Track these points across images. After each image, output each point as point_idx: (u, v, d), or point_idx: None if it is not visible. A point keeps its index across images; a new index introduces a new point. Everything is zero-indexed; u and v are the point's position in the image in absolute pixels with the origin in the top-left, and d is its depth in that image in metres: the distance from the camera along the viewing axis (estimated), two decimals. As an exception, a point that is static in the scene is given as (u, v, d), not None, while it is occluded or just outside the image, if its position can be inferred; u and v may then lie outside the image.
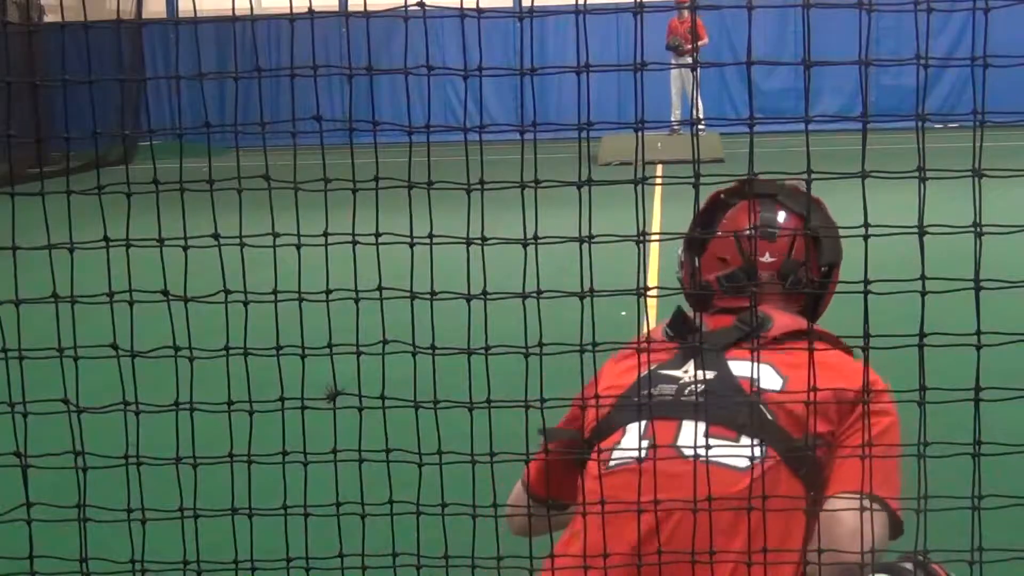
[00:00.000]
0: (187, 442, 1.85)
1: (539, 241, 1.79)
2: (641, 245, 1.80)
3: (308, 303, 1.85)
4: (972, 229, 1.70)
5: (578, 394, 2.03)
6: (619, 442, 2.00)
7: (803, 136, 1.72)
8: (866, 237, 1.71)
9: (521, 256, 1.75)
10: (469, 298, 1.79)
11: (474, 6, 1.75)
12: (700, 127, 14.95)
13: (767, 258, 2.22)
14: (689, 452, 1.86)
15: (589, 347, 1.76)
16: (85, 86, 1.84)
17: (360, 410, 1.85)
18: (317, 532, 1.88)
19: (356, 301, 1.85)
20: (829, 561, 1.78)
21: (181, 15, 20.45)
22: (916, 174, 1.68)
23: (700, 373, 2.01)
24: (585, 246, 1.73)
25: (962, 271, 1.69)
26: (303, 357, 1.84)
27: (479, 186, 1.76)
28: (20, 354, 1.85)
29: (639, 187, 1.71)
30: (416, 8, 1.76)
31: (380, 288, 1.79)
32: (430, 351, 1.81)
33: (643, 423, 1.95)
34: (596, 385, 2.06)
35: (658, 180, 9.70)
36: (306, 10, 1.83)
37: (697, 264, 2.31)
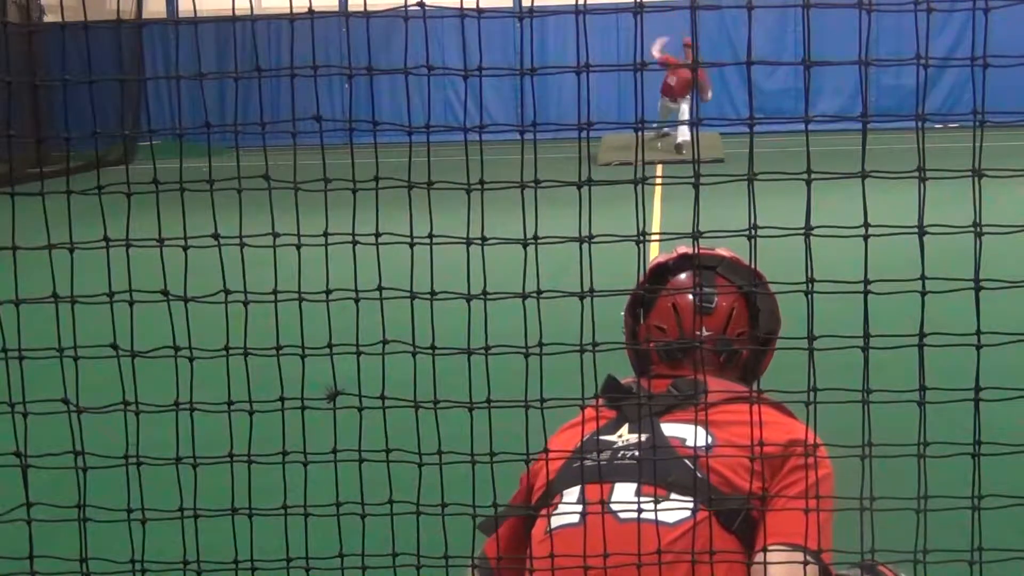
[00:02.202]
0: (187, 442, 1.85)
1: (539, 241, 1.79)
2: (641, 245, 1.80)
3: (308, 303, 1.85)
4: (972, 229, 1.70)
5: (534, 465, 2.12)
6: (556, 508, 2.05)
7: (803, 136, 1.72)
8: (866, 237, 1.71)
9: (521, 256, 1.75)
10: (469, 298, 1.79)
11: (474, 6, 1.75)
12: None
13: (704, 332, 2.27)
14: (623, 513, 1.92)
15: (589, 347, 1.76)
16: (85, 86, 1.84)
17: (360, 410, 1.85)
18: (317, 532, 1.88)
19: (356, 301, 1.85)
20: None
21: (181, 15, 20.45)
22: (916, 174, 1.68)
23: (635, 436, 2.08)
24: (585, 246, 1.73)
25: (962, 271, 1.69)
26: (303, 357, 1.84)
27: (479, 186, 1.76)
28: (20, 354, 1.85)
29: (639, 187, 1.71)
30: (416, 8, 1.76)
31: (380, 288, 1.79)
32: (430, 351, 1.81)
33: (579, 487, 1.99)
34: (542, 455, 2.12)
35: (658, 180, 9.72)
36: (306, 10, 1.83)
37: (637, 329, 2.42)
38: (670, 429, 2.10)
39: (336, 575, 1.89)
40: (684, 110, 15.87)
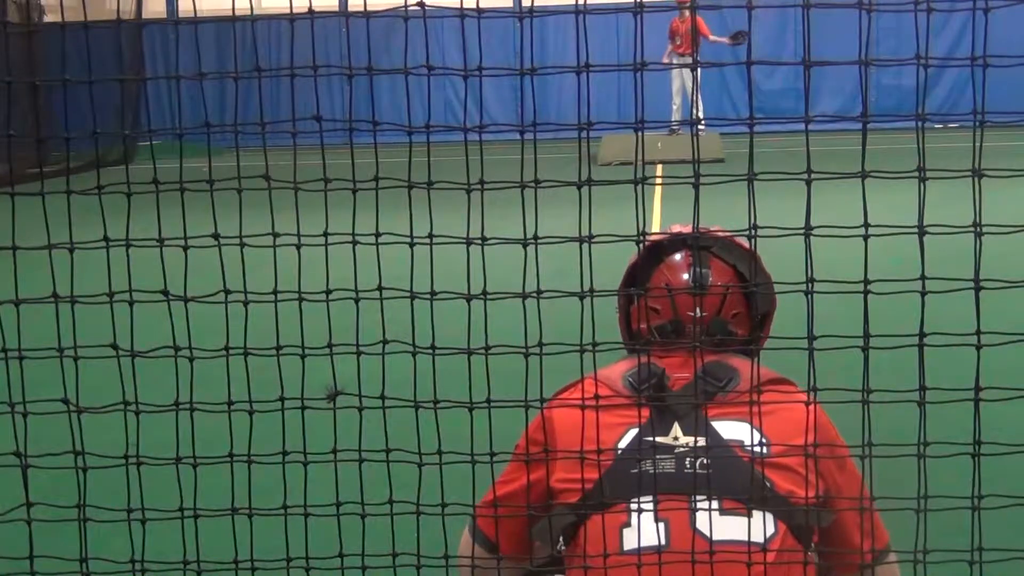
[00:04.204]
0: (187, 442, 1.85)
1: (539, 241, 1.79)
2: (641, 245, 1.80)
3: (308, 303, 1.85)
4: (972, 229, 1.70)
5: (530, 446, 2.00)
6: (627, 521, 1.92)
7: (803, 136, 1.72)
8: (866, 237, 1.71)
9: (521, 256, 1.75)
10: (469, 298, 1.79)
11: (474, 6, 1.75)
12: (700, 127, 14.98)
13: (698, 312, 2.23)
14: (710, 534, 1.84)
15: (589, 347, 1.76)
16: (85, 86, 1.84)
17: (360, 410, 1.85)
18: (317, 532, 1.88)
19: (356, 301, 1.85)
20: None
21: (181, 15, 20.43)
22: (916, 174, 1.68)
23: (692, 439, 1.96)
24: (585, 246, 1.73)
25: (962, 271, 1.69)
26: (303, 357, 1.84)
27: (479, 186, 1.76)
28: (20, 354, 1.85)
29: (639, 187, 1.71)
30: (416, 8, 1.76)
31: (380, 288, 1.79)
32: (430, 351, 1.81)
33: (651, 500, 1.89)
34: (554, 436, 2.00)
35: (658, 180, 9.72)
36: (306, 10, 1.83)
37: (631, 310, 2.32)
38: (724, 428, 1.99)
39: (336, 575, 1.89)
40: (687, 78, 15.82)
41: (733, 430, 1.98)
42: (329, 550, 1.87)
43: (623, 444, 1.97)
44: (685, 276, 2.25)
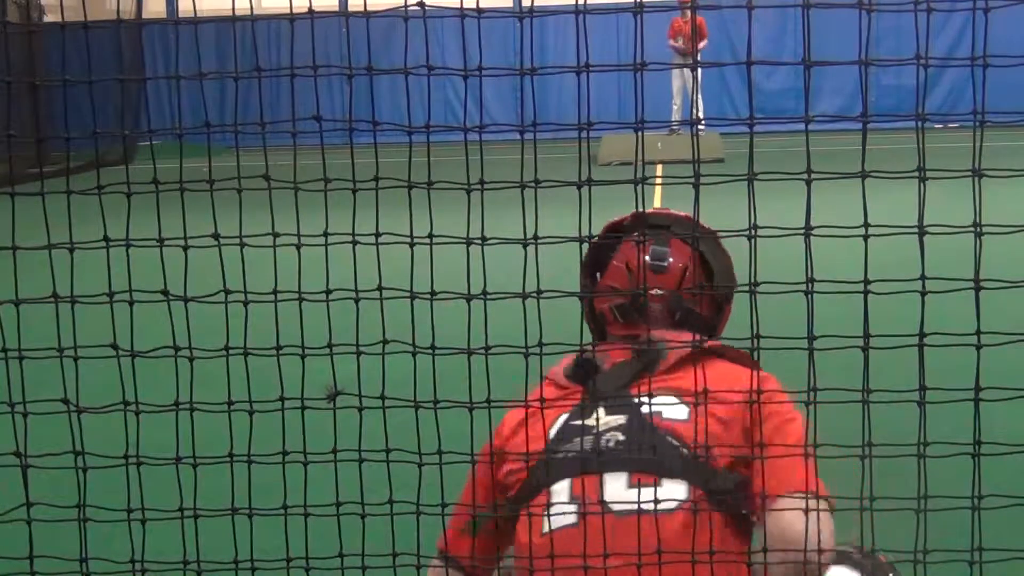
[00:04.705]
0: (187, 442, 1.85)
1: (539, 241, 1.78)
2: (641, 245, 1.80)
3: (308, 303, 1.85)
4: (972, 229, 1.70)
5: (483, 448, 2.03)
6: (547, 504, 1.96)
7: (803, 136, 1.71)
8: (866, 237, 1.71)
9: (521, 256, 1.75)
10: (469, 298, 1.79)
11: (474, 6, 1.75)
12: (700, 127, 14.98)
13: (657, 290, 2.24)
14: (617, 507, 1.87)
15: (589, 347, 1.76)
16: (85, 86, 1.84)
17: (360, 410, 1.85)
18: (317, 532, 1.88)
19: (356, 301, 1.85)
20: (777, 559, 1.80)
21: (181, 15, 20.43)
22: (916, 174, 1.68)
23: (613, 419, 2.01)
24: (585, 246, 1.73)
25: (962, 271, 1.69)
26: (303, 357, 1.84)
27: (479, 186, 1.76)
28: (20, 354, 1.85)
29: (639, 187, 1.71)
30: (416, 8, 1.76)
31: (380, 288, 1.79)
32: (430, 351, 1.81)
33: (567, 481, 1.94)
34: (503, 438, 2.08)
35: (658, 180, 9.72)
36: (306, 10, 1.83)
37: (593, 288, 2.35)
38: (645, 406, 2.01)
39: (336, 575, 1.89)
40: (688, 78, 15.81)
41: (655, 403, 2.00)
42: (329, 550, 1.87)
43: (553, 433, 2.03)
44: (644, 256, 2.26)
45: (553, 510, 1.94)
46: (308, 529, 1.86)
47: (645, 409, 2.00)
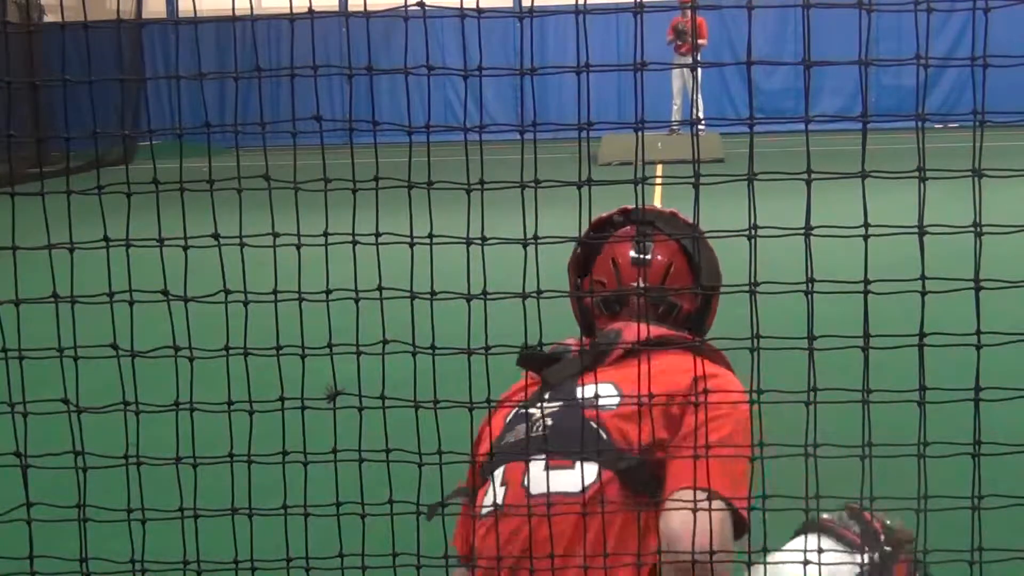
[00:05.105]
0: (187, 442, 1.85)
1: (539, 241, 1.78)
2: (641, 245, 1.80)
3: (308, 303, 1.85)
4: (972, 229, 1.70)
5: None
6: (487, 492, 2.06)
7: (803, 136, 1.71)
8: (866, 237, 1.71)
9: (521, 256, 1.75)
10: (469, 298, 1.79)
11: (474, 6, 1.75)
12: (700, 127, 14.97)
13: (641, 283, 2.27)
14: (531, 489, 1.95)
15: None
16: (85, 86, 1.84)
17: (360, 410, 1.85)
18: (317, 532, 1.88)
19: (356, 301, 1.85)
20: (669, 559, 1.82)
21: (181, 15, 20.44)
22: (916, 174, 1.68)
23: (554, 405, 2.08)
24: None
25: (962, 271, 1.69)
26: (303, 357, 1.84)
27: (479, 186, 1.76)
28: (20, 354, 1.85)
29: (639, 187, 1.71)
30: (416, 8, 1.76)
31: (380, 288, 1.79)
32: (430, 351, 1.81)
33: (500, 469, 2.03)
34: (483, 430, 2.15)
35: (658, 180, 9.72)
36: (306, 10, 1.83)
37: (579, 284, 2.43)
38: (588, 390, 2.07)
39: (336, 575, 1.89)
40: (688, 78, 15.82)
41: (589, 392, 2.05)
42: (329, 550, 1.87)
43: (505, 422, 2.13)
44: (630, 250, 2.31)
45: (486, 498, 2.03)
46: (308, 529, 1.86)
47: (582, 395, 2.07)
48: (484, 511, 2.03)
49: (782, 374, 2.13)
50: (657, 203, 10.35)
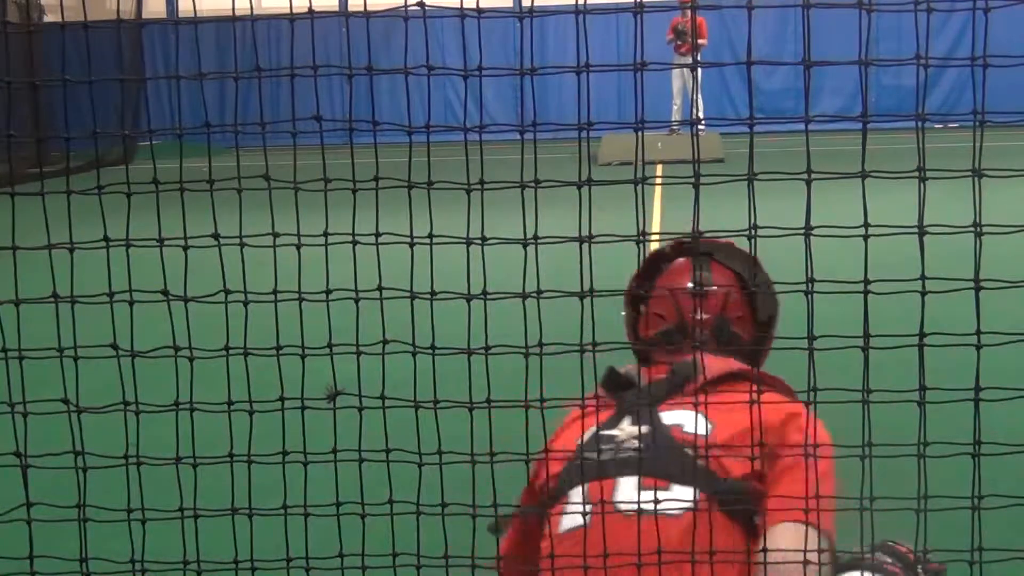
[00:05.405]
0: (187, 442, 1.85)
1: (539, 241, 1.79)
2: (641, 245, 1.80)
3: (308, 303, 1.85)
4: (972, 229, 1.70)
5: (538, 460, 2.10)
6: (566, 507, 2.04)
7: (803, 136, 1.71)
8: (866, 237, 1.71)
9: (521, 256, 1.75)
10: (469, 298, 1.79)
11: (474, 6, 1.75)
12: (700, 127, 14.97)
13: (701, 315, 2.27)
14: (625, 507, 1.91)
15: (589, 347, 1.76)
16: (85, 86, 1.84)
17: (360, 410, 1.85)
18: (317, 532, 1.88)
19: (356, 301, 1.85)
20: None
21: (181, 15, 20.44)
22: (916, 174, 1.68)
23: (636, 429, 2.07)
24: (585, 246, 1.73)
25: (962, 271, 1.69)
26: (303, 357, 1.84)
27: (479, 186, 1.76)
28: (20, 354, 1.85)
29: (639, 187, 1.71)
30: (416, 8, 1.76)
31: (380, 288, 1.79)
32: (430, 351, 1.81)
33: (584, 486, 1.99)
34: (550, 444, 2.11)
35: (658, 180, 9.71)
36: (306, 10, 1.83)
37: (637, 321, 2.46)
38: (670, 417, 2.10)
39: (336, 575, 1.89)
40: (688, 78, 15.82)
41: (677, 418, 2.08)
42: (329, 550, 1.87)
43: (582, 441, 2.08)
44: (687, 281, 2.30)
45: (567, 511, 1.99)
46: (308, 529, 1.86)
47: (668, 422, 2.07)
48: (568, 526, 1.99)
49: (782, 374, 2.14)
50: (657, 203, 10.31)
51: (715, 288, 2.35)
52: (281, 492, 1.89)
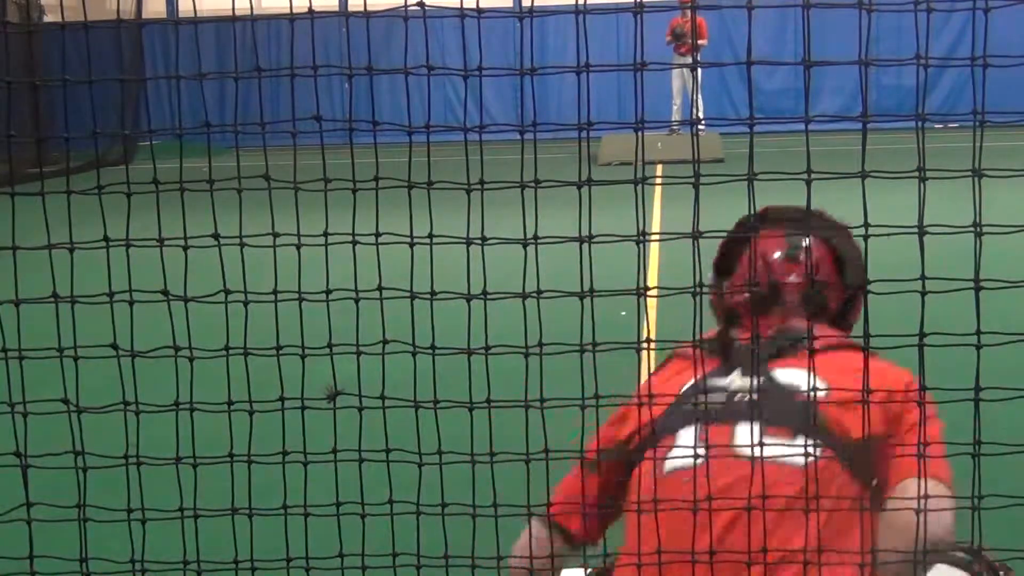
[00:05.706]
0: (187, 442, 1.85)
1: (539, 241, 1.79)
2: (641, 245, 1.80)
3: (308, 303, 1.85)
4: (972, 229, 1.70)
5: (628, 400, 2.06)
6: (672, 447, 1.99)
7: (803, 136, 1.71)
8: (866, 237, 1.71)
9: (521, 256, 1.75)
10: (469, 298, 1.79)
11: (474, 6, 1.75)
12: (700, 127, 14.97)
13: (793, 278, 2.25)
14: (745, 452, 1.86)
15: (589, 347, 1.76)
16: (85, 86, 1.84)
17: (360, 410, 1.85)
18: (317, 532, 1.88)
19: (356, 301, 1.85)
20: (898, 550, 1.77)
21: (181, 15, 20.43)
22: (916, 174, 1.68)
23: (748, 380, 2.02)
24: (585, 246, 1.73)
25: (962, 271, 1.69)
26: (303, 357, 1.84)
27: (479, 186, 1.76)
28: (20, 354, 1.85)
29: (639, 187, 1.71)
30: (416, 8, 1.76)
31: (380, 288, 1.79)
32: (430, 351, 1.81)
33: (694, 429, 1.95)
34: (641, 397, 2.07)
35: (658, 180, 9.72)
36: (306, 10, 1.83)
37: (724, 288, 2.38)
38: (781, 375, 2.06)
39: (336, 575, 1.89)
40: (688, 78, 15.81)
41: (790, 376, 2.02)
42: (329, 550, 1.87)
43: (683, 390, 2.06)
44: (776, 248, 2.28)
45: (673, 454, 1.96)
46: (308, 529, 1.86)
47: (782, 378, 2.04)
48: (671, 466, 1.95)
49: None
50: (657, 203, 10.31)
51: (804, 253, 2.31)
52: (281, 492, 1.89)
